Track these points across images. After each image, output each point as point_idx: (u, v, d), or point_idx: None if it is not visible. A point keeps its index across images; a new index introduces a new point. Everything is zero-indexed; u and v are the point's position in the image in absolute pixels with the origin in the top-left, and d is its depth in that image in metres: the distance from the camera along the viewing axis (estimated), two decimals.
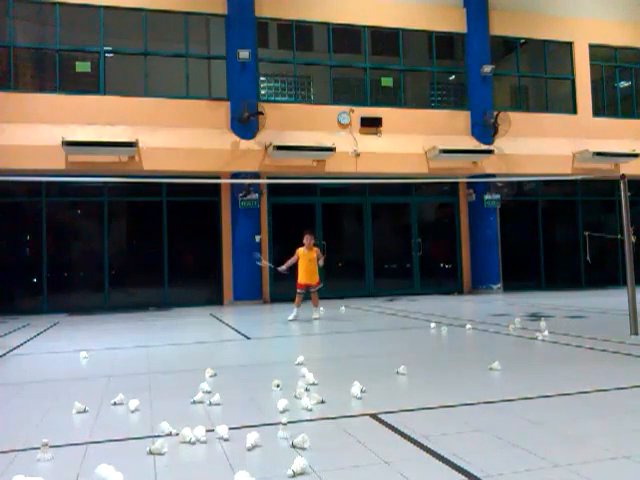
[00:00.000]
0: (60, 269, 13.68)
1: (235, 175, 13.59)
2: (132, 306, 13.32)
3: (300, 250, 9.87)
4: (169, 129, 13.50)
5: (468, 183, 15.62)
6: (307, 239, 9.83)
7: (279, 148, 13.63)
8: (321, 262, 9.88)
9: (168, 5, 14.03)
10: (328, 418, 3.65)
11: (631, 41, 17.47)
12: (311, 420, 3.65)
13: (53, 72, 13.46)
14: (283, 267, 9.96)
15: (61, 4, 13.34)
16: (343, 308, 11.85)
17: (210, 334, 8.78)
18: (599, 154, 15.73)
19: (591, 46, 17.08)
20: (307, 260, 9.76)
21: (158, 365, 5.89)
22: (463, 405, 3.86)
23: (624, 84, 18.01)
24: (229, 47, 14.19)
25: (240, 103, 13.82)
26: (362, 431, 3.38)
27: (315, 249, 9.91)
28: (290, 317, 9.72)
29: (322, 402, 3.98)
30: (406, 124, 15.18)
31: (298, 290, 9.92)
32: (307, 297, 10.23)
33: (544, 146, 15.85)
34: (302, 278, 9.83)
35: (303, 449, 3.04)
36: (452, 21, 15.98)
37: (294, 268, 10.00)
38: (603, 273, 16.98)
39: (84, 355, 6.43)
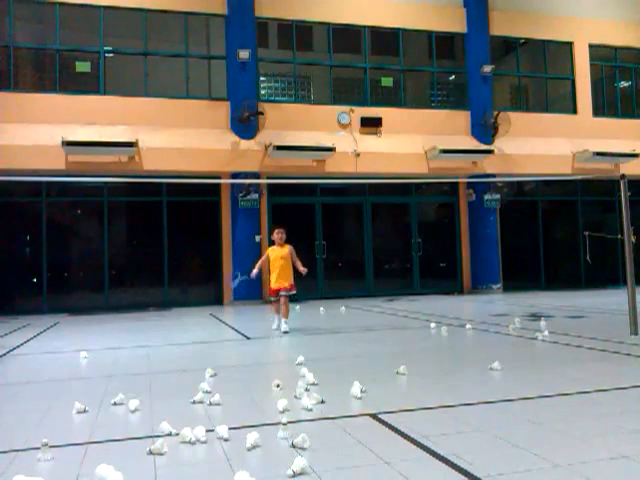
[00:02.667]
0: (60, 269, 13.67)
1: (235, 175, 13.59)
2: (132, 306, 13.33)
3: (269, 249, 8.49)
4: (169, 129, 13.50)
5: (468, 183, 15.62)
6: (277, 233, 8.30)
7: (279, 148, 13.63)
8: (300, 267, 8.17)
9: (168, 5, 14.03)
10: (328, 418, 3.65)
11: (631, 41, 17.47)
12: (311, 420, 3.65)
13: (53, 72, 13.45)
14: (254, 272, 8.54)
15: (61, 4, 13.34)
16: (343, 308, 11.85)
17: (210, 334, 8.78)
18: (599, 154, 15.74)
19: (591, 46, 17.08)
20: (279, 258, 8.18)
21: (158, 365, 5.89)
22: (463, 405, 3.86)
23: (624, 84, 18.01)
24: (229, 47, 14.19)
25: (240, 103, 13.82)
26: (362, 431, 3.38)
27: (288, 246, 8.32)
28: (273, 326, 8.42)
29: (322, 402, 3.98)
30: (406, 124, 15.18)
31: (272, 298, 8.40)
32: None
33: (544, 146, 15.85)
34: (274, 281, 8.26)
35: (303, 449, 3.04)
36: (452, 21, 15.98)
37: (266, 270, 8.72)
38: (603, 273, 16.97)
39: (84, 355, 6.43)
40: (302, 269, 8.18)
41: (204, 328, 9.62)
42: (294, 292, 8.32)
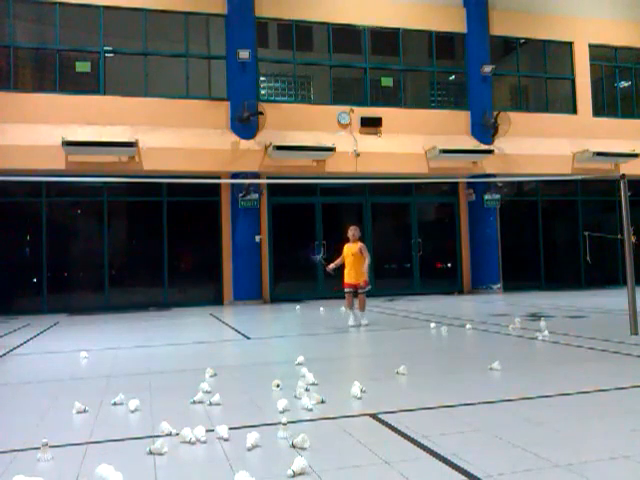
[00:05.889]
0: (60, 269, 13.67)
1: (235, 175, 13.59)
2: (132, 306, 13.32)
3: (345, 245, 9.06)
4: (169, 129, 13.50)
5: (468, 183, 15.62)
6: (350, 231, 8.93)
7: (279, 148, 13.62)
8: (367, 261, 8.76)
9: (168, 5, 14.03)
10: (328, 418, 3.65)
11: (631, 41, 17.47)
12: (311, 420, 3.65)
13: (53, 72, 13.45)
14: (331, 265, 9.13)
15: (61, 4, 13.34)
16: (343, 308, 11.84)
17: (210, 334, 8.78)
18: (599, 154, 15.73)
19: (591, 46, 17.08)
20: (350, 255, 8.83)
21: (158, 365, 5.89)
22: (463, 405, 3.86)
23: (624, 84, 18.00)
24: (229, 47, 14.19)
25: (240, 103, 13.82)
26: (362, 431, 3.38)
27: (359, 243, 8.88)
28: (350, 322, 8.81)
29: (322, 402, 3.98)
30: (406, 124, 15.17)
31: (345, 290, 8.96)
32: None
33: (544, 146, 15.84)
34: (346, 276, 8.92)
35: (303, 449, 3.04)
36: (452, 21, 15.97)
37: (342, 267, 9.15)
38: (603, 273, 16.97)
39: (84, 355, 6.43)
40: (365, 267, 8.77)
41: (204, 328, 9.62)
42: (369, 288, 8.95)
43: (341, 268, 9.12)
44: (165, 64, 14.35)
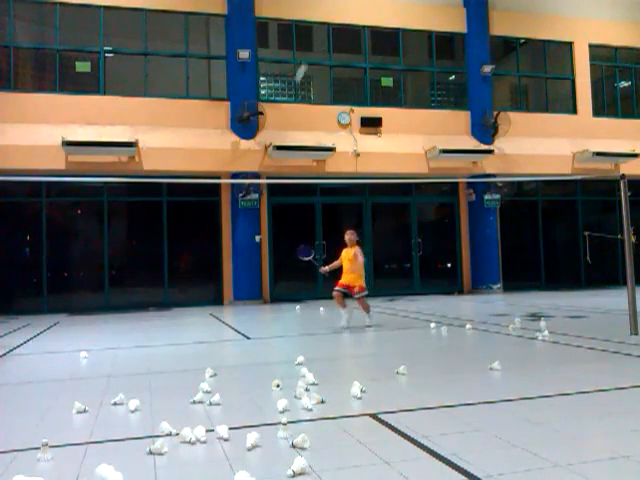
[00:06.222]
0: (60, 269, 13.67)
1: (235, 175, 13.59)
2: (132, 306, 13.32)
3: (343, 251, 8.80)
4: (169, 129, 13.49)
5: (468, 183, 15.62)
6: (347, 235, 8.68)
7: (279, 148, 13.62)
8: (359, 260, 8.45)
9: (168, 5, 14.03)
10: (328, 418, 3.65)
11: (631, 41, 17.47)
12: (311, 420, 3.64)
13: (53, 72, 13.45)
14: (325, 268, 8.84)
15: (61, 4, 13.34)
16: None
17: (210, 334, 8.78)
18: (599, 154, 15.73)
19: (591, 46, 17.07)
20: (347, 260, 8.62)
21: (158, 365, 5.89)
22: (463, 405, 3.86)
23: (624, 84, 18.00)
24: (229, 47, 14.19)
25: (240, 103, 13.82)
26: (362, 431, 3.38)
27: (355, 247, 8.56)
28: (342, 323, 8.55)
29: (322, 402, 3.98)
30: (406, 124, 15.17)
31: (335, 288, 8.68)
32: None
33: (544, 146, 15.84)
34: (342, 279, 8.73)
35: (303, 449, 3.04)
36: (452, 21, 15.97)
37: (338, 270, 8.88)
38: (603, 273, 16.97)
39: (84, 355, 6.43)
40: (358, 263, 8.46)
41: (204, 328, 9.62)
42: (365, 293, 8.66)
43: (338, 271, 8.94)
44: (165, 64, 14.36)
